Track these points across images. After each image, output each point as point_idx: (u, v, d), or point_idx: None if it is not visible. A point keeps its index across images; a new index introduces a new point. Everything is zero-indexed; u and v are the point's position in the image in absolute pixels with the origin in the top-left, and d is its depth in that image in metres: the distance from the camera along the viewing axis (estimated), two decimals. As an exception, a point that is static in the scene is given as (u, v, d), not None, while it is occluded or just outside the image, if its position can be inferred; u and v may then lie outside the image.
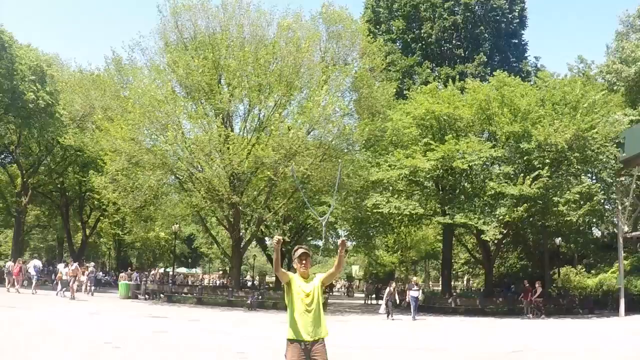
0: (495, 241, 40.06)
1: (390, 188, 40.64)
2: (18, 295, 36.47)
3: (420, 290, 35.71)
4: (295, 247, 8.02)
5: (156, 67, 39.08)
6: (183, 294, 43.13)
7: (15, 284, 39.78)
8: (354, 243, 53.58)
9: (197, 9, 39.70)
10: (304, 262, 7.67)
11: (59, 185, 58.18)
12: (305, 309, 7.36)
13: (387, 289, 35.28)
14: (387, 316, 33.30)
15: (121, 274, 47.59)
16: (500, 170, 38.73)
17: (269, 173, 35.80)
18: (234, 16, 39.63)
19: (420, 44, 63.85)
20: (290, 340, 7.33)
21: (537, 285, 38.06)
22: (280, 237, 7.66)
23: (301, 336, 7.24)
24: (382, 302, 35.91)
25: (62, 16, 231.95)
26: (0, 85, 45.65)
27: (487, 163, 39.34)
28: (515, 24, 66.00)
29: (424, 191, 43.08)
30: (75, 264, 35.37)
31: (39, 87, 45.24)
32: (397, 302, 35.08)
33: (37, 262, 41.27)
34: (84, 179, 49.26)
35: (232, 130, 38.01)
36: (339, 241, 7.59)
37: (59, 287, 39.05)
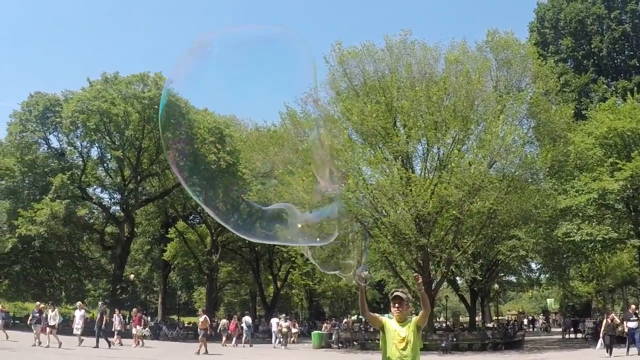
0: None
1: (580, 214, 38.67)
2: (230, 349, 38.05)
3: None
4: (392, 290, 7.64)
5: (330, 117, 39.53)
6: (376, 341, 42.74)
7: (233, 339, 41.38)
8: (547, 275, 51.65)
9: (363, 54, 40.01)
10: (397, 305, 7.41)
11: (247, 241, 60.07)
12: (399, 355, 7.09)
13: (604, 321, 32.18)
14: (607, 351, 30.22)
15: (324, 324, 48.35)
16: (695, 182, 36.08)
17: (454, 212, 35.17)
18: (400, 57, 39.62)
19: (592, 60, 61.49)
20: None
21: None
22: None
23: None
24: (600, 337, 33.14)
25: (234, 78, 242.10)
26: (181, 151, 47.85)
27: (681, 177, 36.70)
28: (687, 23, 62.17)
29: (615, 214, 40.80)
30: (204, 316, 36.33)
31: (219, 148, 46.99)
32: (622, 334, 31.72)
33: (248, 318, 43.13)
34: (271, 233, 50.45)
35: (413, 172, 37.78)
36: (414, 276, 7.28)
37: (274, 338, 41.31)
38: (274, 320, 42.80)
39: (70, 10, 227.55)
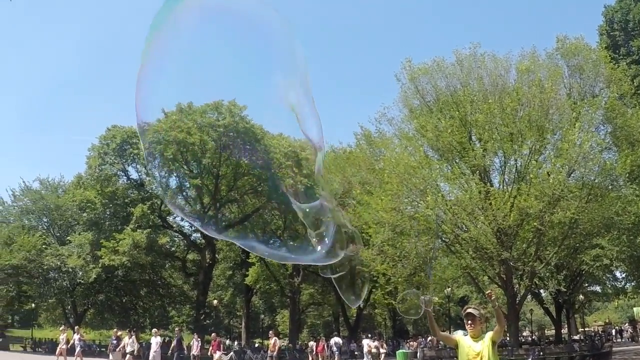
0: None
1: (664, 219, 37.77)
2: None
3: None
4: (465, 308, 7.82)
5: (405, 135, 39.75)
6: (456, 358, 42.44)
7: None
8: (632, 284, 50.45)
9: (433, 70, 40.13)
10: (469, 322, 7.60)
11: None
12: None
13: None
14: None
15: (411, 342, 48.62)
16: None
17: (535, 224, 34.75)
18: (471, 70, 39.55)
19: (665, 58, 59.93)
20: None
21: None
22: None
23: None
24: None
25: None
26: (259, 176, 48.69)
27: None
28: None
29: (701, 216, 39.58)
30: (275, 338, 36.48)
31: (296, 172, 47.59)
32: None
33: (338, 339, 43.58)
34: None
35: (491, 185, 37.60)
36: (487, 293, 7.48)
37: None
38: (365, 342, 43.04)
39: (141, 44, 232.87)
